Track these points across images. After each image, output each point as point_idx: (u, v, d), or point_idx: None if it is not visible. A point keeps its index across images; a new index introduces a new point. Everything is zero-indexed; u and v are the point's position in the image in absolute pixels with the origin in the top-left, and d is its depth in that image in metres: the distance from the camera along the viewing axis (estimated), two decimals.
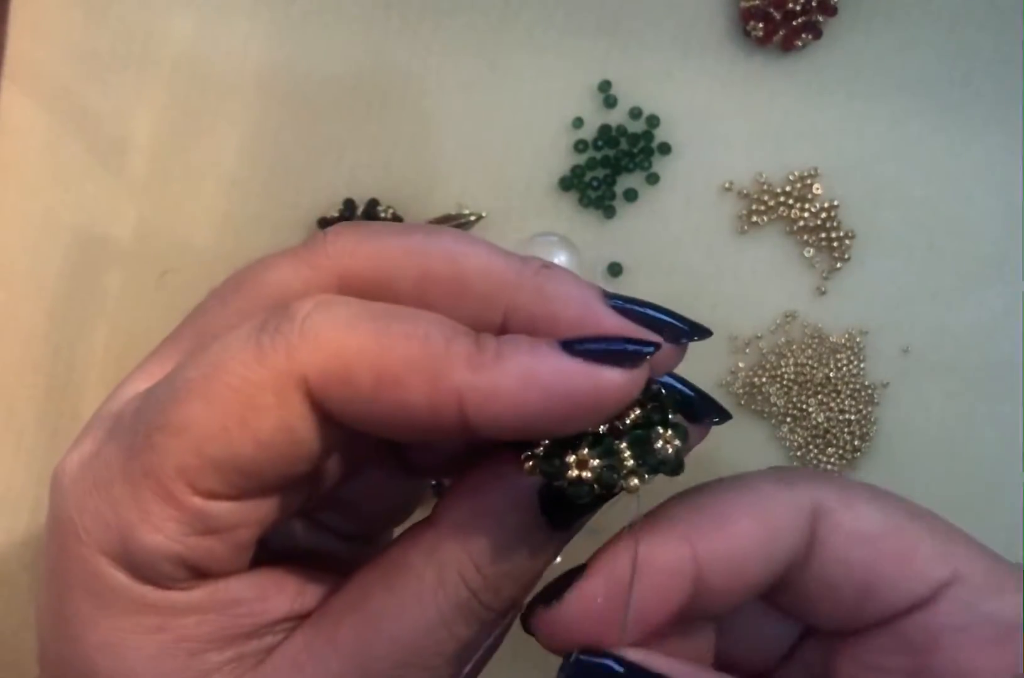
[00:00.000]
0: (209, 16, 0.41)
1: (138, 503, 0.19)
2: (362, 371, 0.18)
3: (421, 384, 0.17)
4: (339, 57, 0.41)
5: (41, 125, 0.41)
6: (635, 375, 0.17)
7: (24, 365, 0.41)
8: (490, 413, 0.17)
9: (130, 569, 0.19)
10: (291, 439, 0.18)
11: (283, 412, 0.18)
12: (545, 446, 0.18)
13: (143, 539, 0.19)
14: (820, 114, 0.40)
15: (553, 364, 0.17)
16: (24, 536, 0.42)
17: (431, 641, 0.20)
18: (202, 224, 0.41)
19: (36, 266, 0.41)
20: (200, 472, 0.18)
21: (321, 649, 0.20)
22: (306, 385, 0.18)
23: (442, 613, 0.20)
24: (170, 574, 0.19)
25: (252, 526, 0.20)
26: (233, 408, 0.18)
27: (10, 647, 0.42)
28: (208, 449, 0.18)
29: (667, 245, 0.41)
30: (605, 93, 0.40)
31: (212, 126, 0.41)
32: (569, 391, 0.17)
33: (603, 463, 0.18)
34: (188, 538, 0.19)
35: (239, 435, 0.18)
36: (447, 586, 0.20)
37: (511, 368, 0.17)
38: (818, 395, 0.40)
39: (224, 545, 0.20)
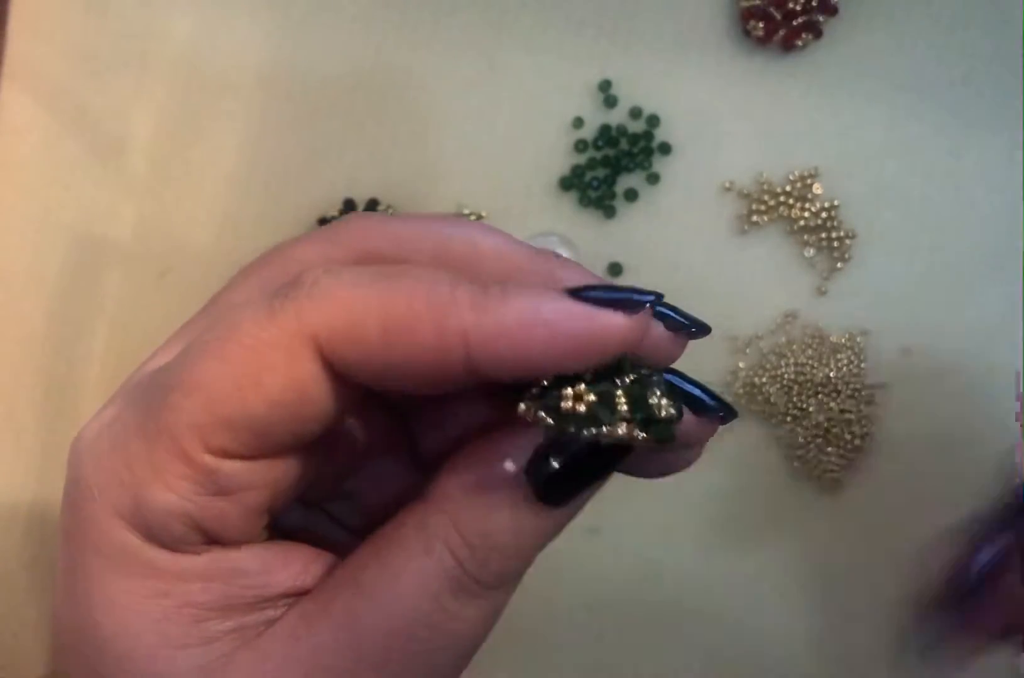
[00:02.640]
0: (209, 16, 0.41)
1: (152, 461, 0.19)
2: (369, 323, 0.18)
3: (428, 329, 0.18)
4: (339, 57, 0.41)
5: (41, 125, 0.41)
6: (635, 321, 0.18)
7: (24, 365, 0.41)
8: (494, 352, 0.18)
9: (141, 529, 0.20)
10: (302, 397, 0.19)
11: (294, 370, 0.19)
12: (542, 387, 0.19)
13: (155, 497, 0.19)
14: (820, 114, 0.40)
15: (556, 305, 0.18)
16: (24, 536, 0.42)
17: (419, 612, 0.20)
18: (202, 224, 0.41)
19: (36, 266, 0.41)
20: (213, 430, 0.19)
21: (316, 621, 0.20)
22: (316, 343, 0.18)
23: (429, 584, 0.20)
24: (181, 535, 0.20)
25: (263, 489, 0.20)
26: (245, 367, 0.19)
27: (9, 647, 0.41)
28: (221, 407, 0.19)
29: (667, 245, 0.41)
30: (605, 93, 0.40)
31: (212, 126, 0.41)
32: (571, 330, 0.18)
33: (599, 400, 0.18)
34: (200, 497, 0.19)
35: (251, 393, 0.19)
36: (434, 557, 0.20)
37: (515, 308, 0.18)
38: (818, 395, 0.40)
39: (235, 507, 0.20)
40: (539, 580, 0.41)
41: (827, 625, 0.41)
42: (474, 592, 0.20)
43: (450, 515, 0.20)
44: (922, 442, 0.40)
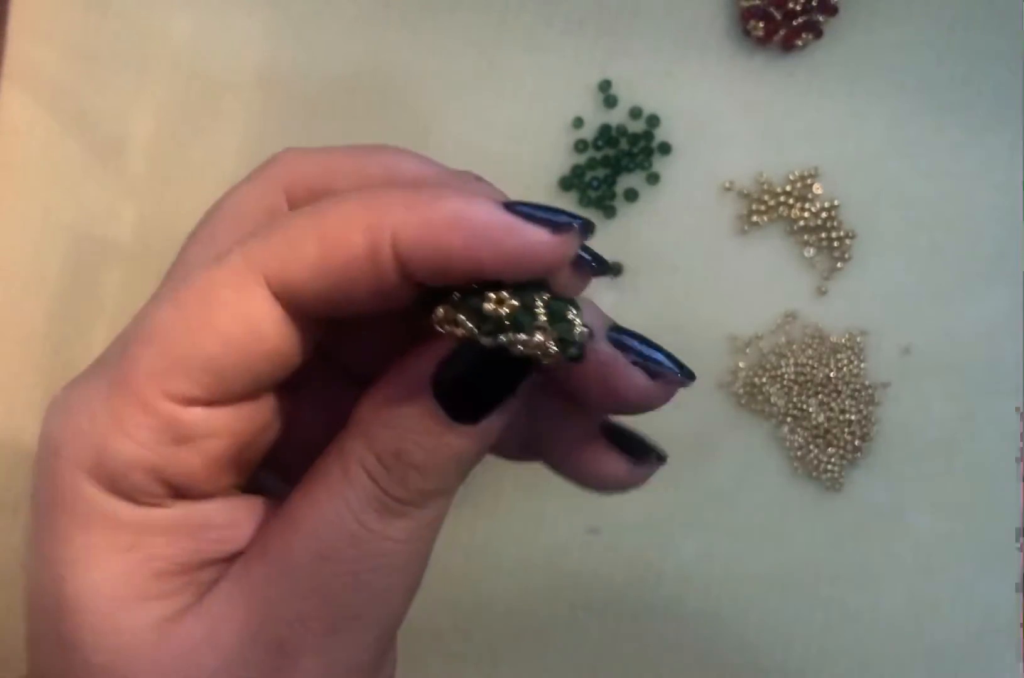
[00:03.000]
0: (209, 16, 0.41)
1: (113, 412, 0.20)
2: (307, 241, 0.19)
3: (360, 232, 0.18)
4: (339, 57, 0.41)
5: (41, 125, 0.41)
6: (557, 239, 0.18)
7: (24, 365, 0.41)
8: (420, 250, 0.18)
9: (105, 482, 0.20)
10: (254, 333, 0.19)
11: (243, 306, 0.19)
12: (464, 292, 0.19)
13: (116, 448, 0.19)
14: (820, 114, 0.40)
15: (484, 210, 0.18)
16: (24, 536, 0.41)
17: (344, 532, 0.20)
18: None
19: (36, 266, 0.41)
20: (170, 375, 0.19)
21: (254, 560, 0.20)
22: (264, 277, 0.19)
23: (349, 504, 0.20)
24: (143, 487, 0.20)
25: (225, 438, 0.20)
26: (197, 308, 0.19)
27: (9, 647, 0.41)
28: (176, 349, 0.19)
29: (667, 245, 0.41)
30: (605, 93, 0.40)
31: (212, 126, 0.41)
32: (494, 237, 0.18)
33: (520, 307, 0.19)
34: (161, 447, 0.20)
35: (203, 332, 0.19)
36: (351, 477, 0.20)
37: (444, 207, 0.18)
38: (818, 395, 0.40)
39: (197, 457, 0.20)
40: (539, 580, 0.41)
41: (827, 625, 0.41)
42: (396, 511, 0.20)
43: (364, 436, 0.20)
44: (922, 442, 0.40)
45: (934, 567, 0.40)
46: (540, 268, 0.18)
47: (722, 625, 0.41)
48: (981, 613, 0.40)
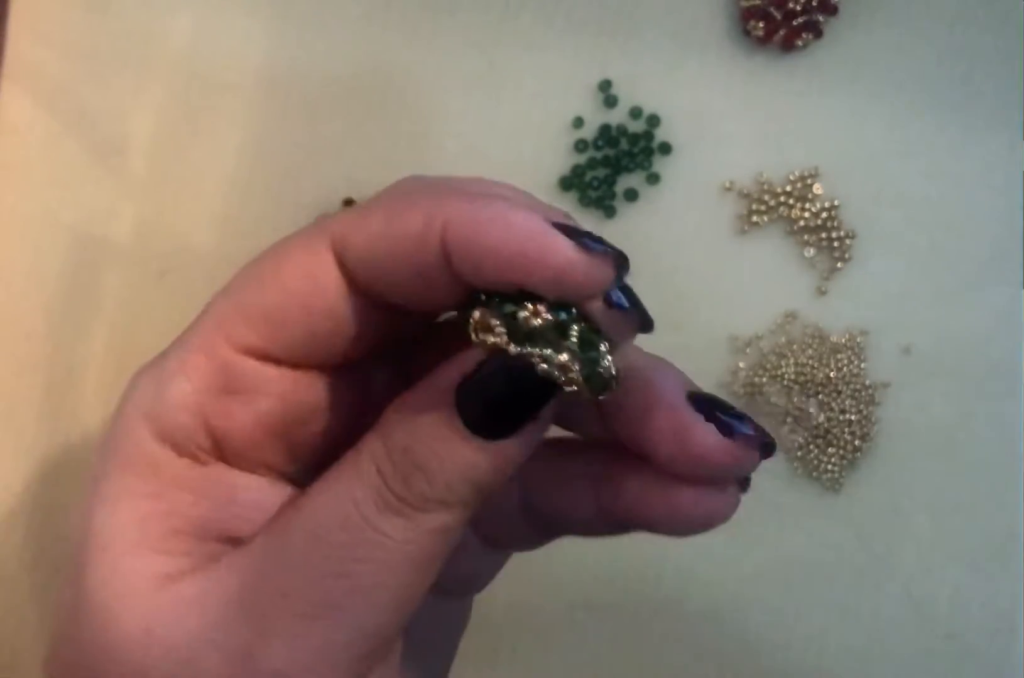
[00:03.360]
0: (209, 15, 0.41)
1: (178, 356, 0.21)
2: (376, 214, 0.20)
3: (420, 214, 0.20)
4: (339, 57, 0.41)
5: (41, 125, 0.41)
6: (588, 261, 0.19)
7: (24, 365, 0.41)
8: (461, 239, 0.19)
9: (156, 426, 0.21)
10: (313, 286, 0.20)
11: (307, 261, 0.21)
12: (498, 300, 0.19)
13: (172, 387, 0.21)
14: (820, 114, 0.40)
15: (527, 217, 0.19)
16: (24, 536, 0.41)
17: (339, 515, 0.20)
18: (202, 224, 0.41)
19: (36, 266, 0.41)
20: (234, 320, 0.21)
21: (259, 537, 0.21)
22: (330, 241, 0.21)
23: (351, 491, 0.20)
24: (189, 432, 0.21)
25: (274, 398, 0.21)
26: (268, 262, 0.21)
27: (9, 647, 0.41)
28: (242, 297, 0.21)
29: (667, 245, 0.41)
30: (605, 93, 0.40)
31: (212, 126, 0.41)
32: (528, 240, 0.19)
33: (554, 322, 0.19)
34: (213, 392, 0.21)
35: (269, 283, 0.21)
36: (359, 467, 0.20)
37: (494, 206, 0.19)
38: (818, 395, 0.40)
39: (246, 411, 0.21)
40: (539, 580, 0.41)
41: (827, 625, 0.41)
42: (395, 507, 0.20)
43: (380, 433, 0.21)
44: (923, 442, 0.40)
45: (934, 567, 0.40)
46: (566, 285, 0.19)
47: (722, 625, 0.41)
48: (981, 613, 0.40)
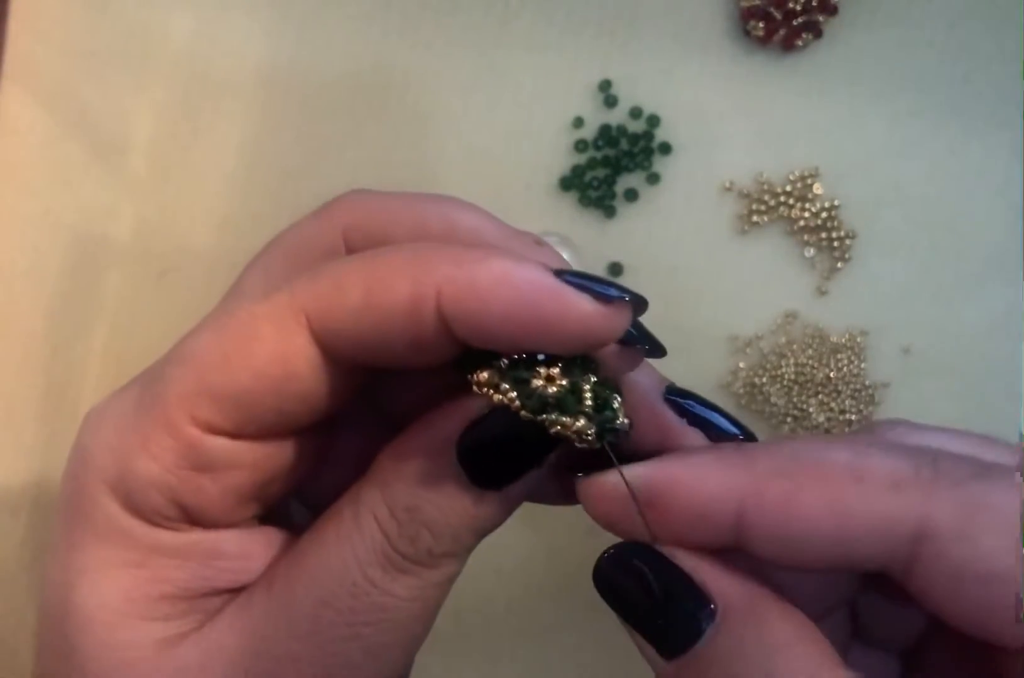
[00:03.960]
0: (209, 15, 0.41)
1: (141, 430, 0.20)
2: (352, 286, 0.18)
3: (405, 283, 0.18)
4: (339, 57, 0.41)
5: (41, 125, 0.41)
6: (606, 313, 0.18)
7: (24, 365, 0.41)
8: (462, 308, 0.18)
9: (124, 499, 0.20)
10: (287, 371, 0.19)
11: (281, 342, 0.19)
12: (512, 360, 0.18)
13: (138, 465, 0.20)
14: (820, 114, 0.40)
15: (531, 273, 0.18)
16: (24, 536, 0.41)
17: (346, 581, 0.20)
18: (202, 224, 0.41)
19: (36, 266, 0.41)
20: (199, 400, 0.19)
21: (257, 593, 0.20)
22: (304, 314, 0.19)
23: (356, 553, 0.20)
24: (160, 508, 0.20)
25: (246, 471, 0.20)
26: (235, 338, 0.19)
27: (9, 647, 0.41)
28: (208, 376, 0.19)
29: (667, 245, 0.41)
30: (605, 93, 0.40)
31: (212, 126, 0.41)
32: (538, 301, 0.17)
33: (569, 388, 0.18)
34: (181, 471, 0.20)
35: (238, 363, 0.19)
36: (362, 527, 0.20)
37: (492, 267, 0.18)
38: (819, 395, 0.40)
39: (215, 486, 0.20)
40: (540, 580, 0.41)
41: None
42: (402, 567, 0.20)
43: (380, 486, 0.20)
44: None
45: None
46: (585, 341, 0.18)
47: None
48: None
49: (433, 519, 0.19)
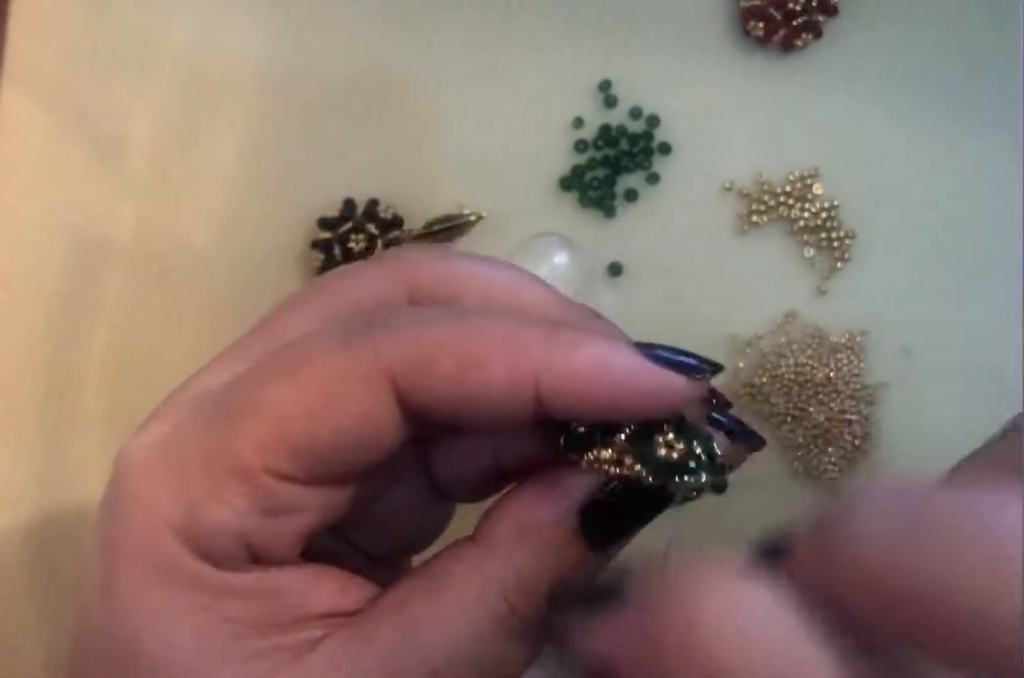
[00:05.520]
0: (209, 16, 0.41)
1: (212, 477, 0.19)
2: (445, 357, 0.19)
3: (500, 366, 0.18)
4: (339, 57, 0.41)
5: (41, 125, 0.41)
6: (695, 385, 0.19)
7: (24, 365, 0.41)
8: (563, 394, 0.18)
9: (191, 544, 0.20)
10: (371, 428, 0.19)
11: (368, 401, 0.19)
12: (629, 433, 0.19)
13: (211, 513, 0.19)
14: (820, 114, 0.40)
15: (627, 357, 0.18)
16: (24, 536, 0.41)
17: (467, 653, 0.20)
18: (202, 224, 0.41)
19: (36, 266, 0.41)
20: (278, 452, 0.19)
21: (358, 649, 0.20)
22: (391, 375, 0.19)
23: (481, 626, 0.20)
24: (229, 552, 0.20)
25: (315, 513, 0.20)
26: (319, 393, 0.19)
27: (9, 648, 0.41)
28: (289, 431, 0.19)
29: (667, 245, 0.41)
30: (605, 93, 0.40)
31: (212, 126, 0.41)
32: (639, 384, 0.18)
33: (687, 448, 0.19)
34: (255, 518, 0.20)
35: (322, 419, 0.19)
36: (488, 600, 0.20)
37: (588, 353, 0.18)
38: (818, 395, 0.40)
39: (288, 529, 0.20)
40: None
41: None
42: (523, 635, 0.20)
43: (504, 560, 0.20)
44: (922, 442, 0.40)
45: None
46: (677, 410, 0.19)
47: None
48: None
49: (555, 585, 0.20)
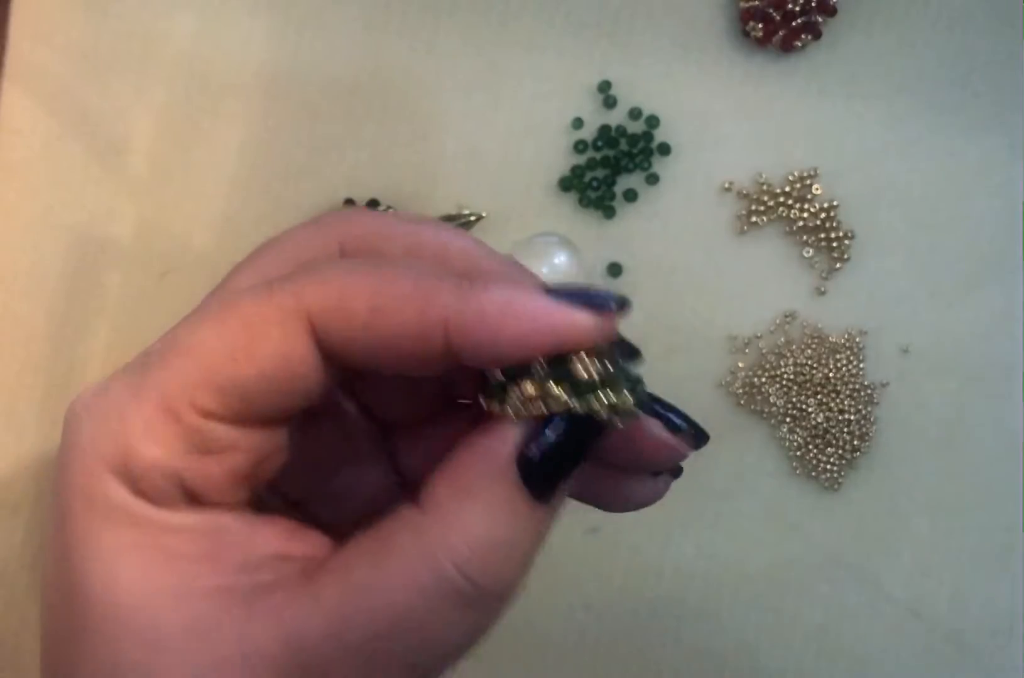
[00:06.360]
0: (209, 16, 0.41)
1: (143, 418, 0.20)
2: (359, 302, 0.20)
3: (411, 311, 0.19)
4: (339, 57, 0.41)
5: (42, 125, 0.41)
6: (602, 321, 0.19)
7: (24, 365, 0.41)
8: (471, 338, 0.19)
9: (129, 483, 0.20)
10: (290, 372, 0.20)
11: (286, 345, 0.20)
12: (547, 364, 0.20)
13: (144, 452, 0.20)
14: (820, 114, 0.40)
15: (533, 299, 0.19)
16: (24, 536, 0.42)
17: (411, 617, 0.20)
18: (202, 224, 0.41)
19: (36, 266, 0.41)
20: (203, 392, 0.20)
21: (304, 608, 0.21)
22: (309, 320, 0.20)
23: (425, 592, 0.20)
24: (165, 491, 0.21)
25: (245, 453, 0.21)
26: (241, 336, 0.20)
27: (10, 647, 0.42)
28: (213, 371, 0.20)
29: (667, 245, 0.41)
30: (605, 93, 0.40)
31: (212, 126, 0.41)
32: (545, 323, 0.19)
33: (603, 368, 0.19)
34: (186, 455, 0.20)
35: (244, 362, 0.20)
36: (432, 565, 0.20)
37: (495, 297, 0.19)
38: (818, 395, 0.40)
39: (219, 468, 0.21)
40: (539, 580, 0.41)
41: (827, 625, 0.41)
42: (470, 598, 0.20)
43: (445, 522, 0.20)
44: (922, 442, 0.40)
45: (934, 567, 0.40)
46: (584, 345, 0.19)
47: (722, 625, 0.41)
48: (981, 613, 0.40)
49: (501, 543, 0.20)
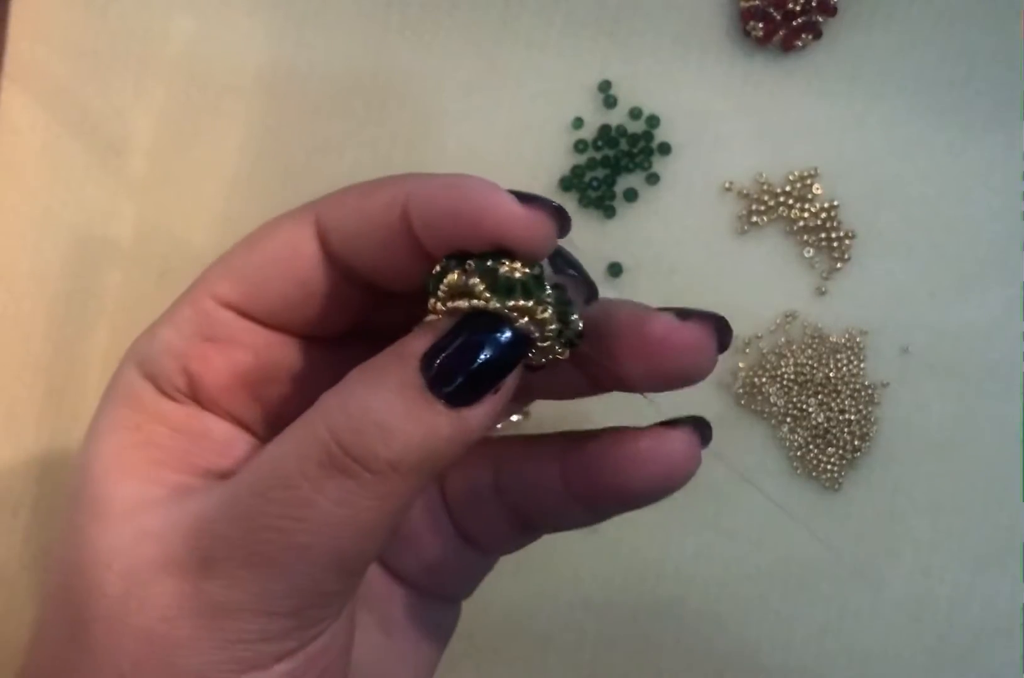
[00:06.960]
0: (209, 16, 0.41)
1: (173, 309, 0.24)
2: (350, 196, 0.23)
3: (387, 191, 0.22)
4: (339, 57, 0.41)
5: (41, 125, 0.41)
6: (531, 213, 0.21)
7: (24, 365, 0.41)
8: (422, 208, 0.21)
9: (145, 367, 0.23)
10: (293, 255, 0.23)
11: (292, 233, 0.23)
12: (475, 261, 0.20)
13: (160, 333, 0.23)
14: (820, 114, 0.40)
15: (475, 181, 0.21)
16: (24, 536, 0.42)
17: (282, 473, 0.20)
18: (202, 224, 0.41)
19: (36, 266, 0.41)
20: (219, 278, 0.23)
21: (220, 485, 0.22)
22: (315, 216, 0.23)
23: (299, 447, 0.20)
24: (169, 374, 0.23)
25: (248, 350, 0.23)
26: (260, 231, 0.24)
27: (10, 647, 0.42)
28: (230, 258, 0.24)
29: (667, 245, 0.41)
30: (605, 93, 0.40)
31: (212, 126, 0.41)
32: (479, 199, 0.20)
33: (532, 275, 0.20)
34: (192, 338, 0.23)
35: (256, 247, 0.23)
36: (310, 423, 0.21)
37: (448, 178, 0.21)
38: (818, 395, 0.40)
39: (220, 358, 0.23)
40: (538, 579, 0.41)
41: (827, 625, 0.41)
42: (342, 466, 0.20)
43: (338, 392, 0.21)
44: (922, 442, 0.40)
45: (934, 567, 0.40)
46: (516, 237, 0.20)
47: (722, 625, 0.41)
48: (981, 613, 0.40)
49: (387, 420, 0.20)
